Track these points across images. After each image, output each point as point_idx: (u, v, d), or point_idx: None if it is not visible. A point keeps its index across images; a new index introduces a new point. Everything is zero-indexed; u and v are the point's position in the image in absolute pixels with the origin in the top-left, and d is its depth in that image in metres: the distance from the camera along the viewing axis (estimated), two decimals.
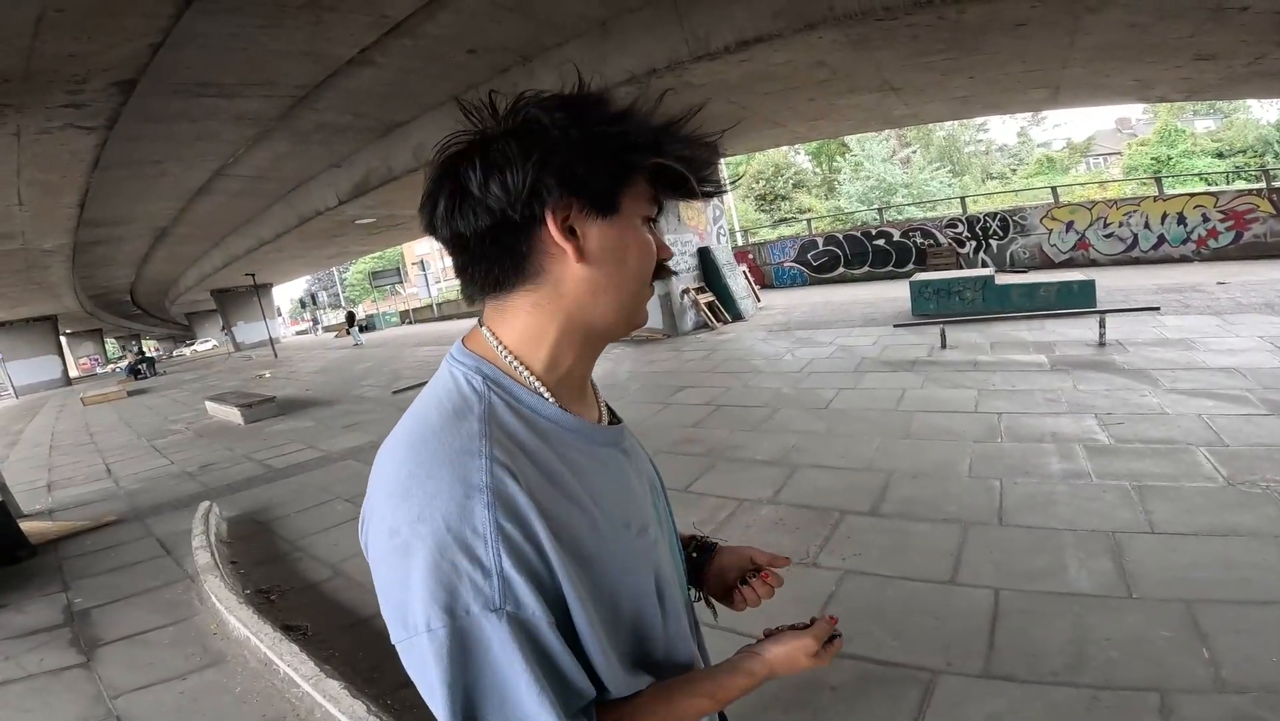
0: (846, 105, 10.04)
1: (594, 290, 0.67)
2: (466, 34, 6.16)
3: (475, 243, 0.65)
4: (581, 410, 0.72)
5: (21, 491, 6.73)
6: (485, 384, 0.66)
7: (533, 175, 0.62)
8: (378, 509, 0.61)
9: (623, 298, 0.69)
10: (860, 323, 9.64)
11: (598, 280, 0.67)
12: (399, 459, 0.62)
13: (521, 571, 0.57)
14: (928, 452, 4.31)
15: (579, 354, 0.71)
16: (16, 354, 26.40)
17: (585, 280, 0.66)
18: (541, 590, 0.58)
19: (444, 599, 0.55)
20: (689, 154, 0.70)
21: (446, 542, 0.56)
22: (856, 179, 27.76)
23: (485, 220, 0.63)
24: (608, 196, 0.66)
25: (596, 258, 0.66)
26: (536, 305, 0.67)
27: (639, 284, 0.70)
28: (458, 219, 0.64)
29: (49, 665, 3.14)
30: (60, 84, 5.09)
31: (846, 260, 16.85)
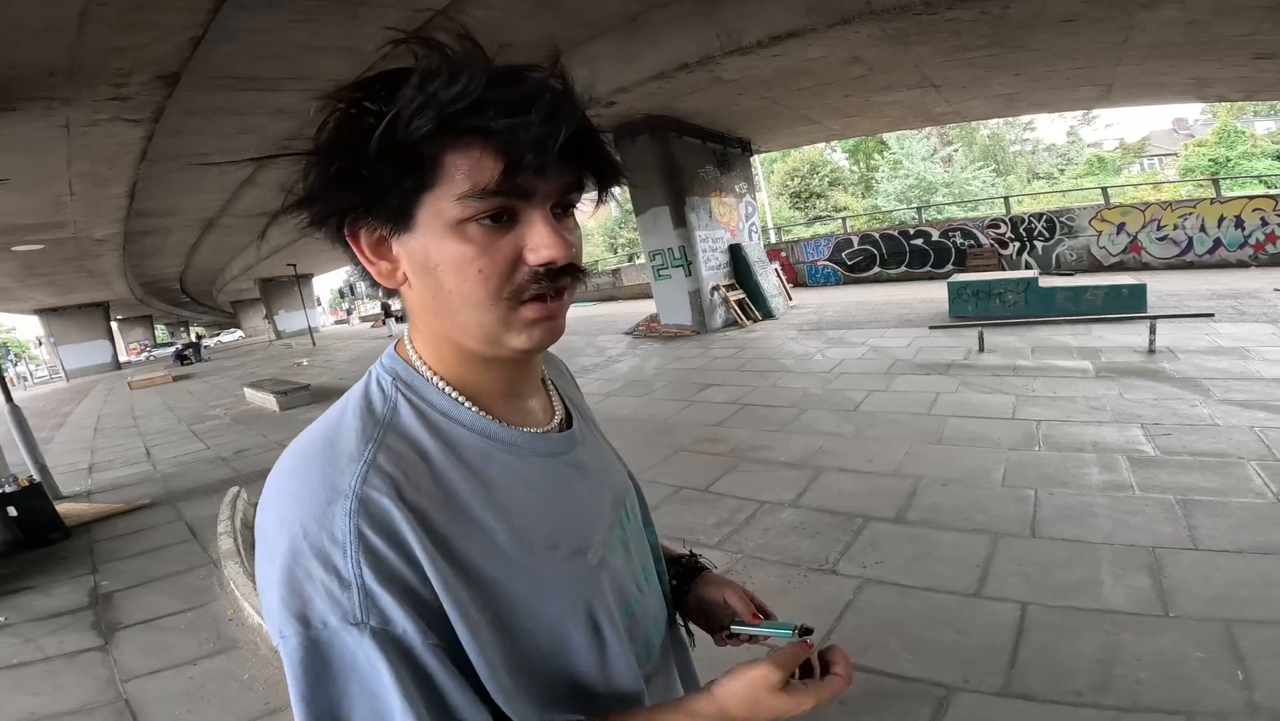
0: (884, 102, 9.81)
1: (430, 311, 0.59)
2: (498, 28, 6.14)
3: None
4: (516, 417, 0.65)
5: (63, 473, 6.98)
6: (395, 385, 0.61)
7: (313, 180, 0.54)
8: (259, 506, 0.57)
9: (464, 324, 0.57)
10: (894, 324, 9.41)
11: (426, 302, 0.58)
12: (283, 458, 0.57)
13: (388, 586, 0.50)
14: (959, 459, 4.16)
15: (479, 369, 0.62)
16: (68, 338, 27.47)
17: (419, 299, 0.59)
18: (418, 608, 0.51)
19: (296, 606, 0.50)
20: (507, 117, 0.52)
21: (301, 549, 0.50)
22: (895, 177, 27.17)
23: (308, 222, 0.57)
24: (393, 207, 0.54)
25: (414, 279, 0.57)
26: (409, 315, 0.62)
27: (472, 308, 0.56)
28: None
29: (67, 648, 3.22)
30: (106, 77, 5.25)
31: (882, 260, 16.48)
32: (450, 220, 0.53)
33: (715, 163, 11.80)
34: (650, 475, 4.61)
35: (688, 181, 10.95)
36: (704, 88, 7.99)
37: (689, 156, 10.97)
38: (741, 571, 3.06)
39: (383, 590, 0.50)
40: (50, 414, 14.43)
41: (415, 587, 0.52)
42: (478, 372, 0.62)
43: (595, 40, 7.05)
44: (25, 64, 4.88)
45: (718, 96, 8.62)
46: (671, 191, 10.68)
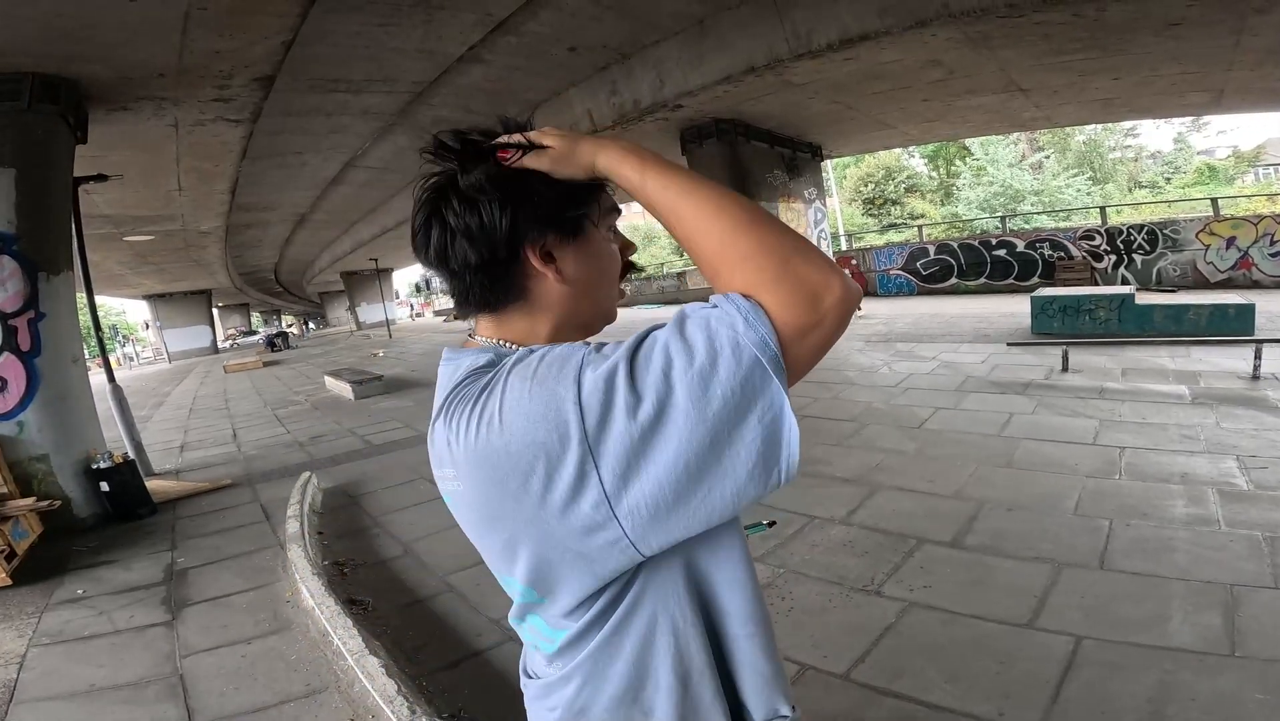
0: (966, 106, 9.38)
1: (575, 299, 0.76)
2: (567, 32, 6.29)
3: (469, 273, 0.72)
4: None
5: (157, 451, 7.54)
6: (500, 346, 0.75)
7: (509, 219, 0.70)
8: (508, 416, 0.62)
9: (598, 299, 0.80)
10: (970, 338, 8.97)
11: (575, 293, 0.76)
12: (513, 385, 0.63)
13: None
14: (1030, 484, 3.92)
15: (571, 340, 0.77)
16: (172, 322, 29.82)
17: (566, 293, 0.75)
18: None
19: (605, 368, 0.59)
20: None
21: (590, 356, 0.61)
22: (978, 184, 25.92)
23: (474, 256, 0.71)
24: (577, 222, 0.75)
25: (573, 275, 0.75)
26: (527, 315, 0.76)
27: (610, 286, 0.81)
28: (451, 255, 0.72)
29: (137, 622, 3.43)
30: (210, 79, 5.64)
31: (960, 270, 15.77)
32: (605, 228, 0.79)
33: (784, 167, 11.60)
34: None
35: (754, 186, 10.80)
36: (773, 91, 7.87)
37: (757, 161, 10.82)
38: (782, 586, 2.99)
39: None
40: (152, 393, 15.64)
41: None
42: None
43: (661, 43, 7.07)
44: (137, 64, 5.28)
45: (787, 100, 8.48)
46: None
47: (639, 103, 8.01)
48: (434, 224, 0.72)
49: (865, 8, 5.78)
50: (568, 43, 6.60)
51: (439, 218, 0.72)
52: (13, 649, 3.23)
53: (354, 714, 2.41)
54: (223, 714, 2.54)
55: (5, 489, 4.67)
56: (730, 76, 6.72)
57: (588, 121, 8.70)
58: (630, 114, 8.19)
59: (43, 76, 5.14)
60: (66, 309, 5.50)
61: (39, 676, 2.97)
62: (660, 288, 24.01)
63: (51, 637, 3.34)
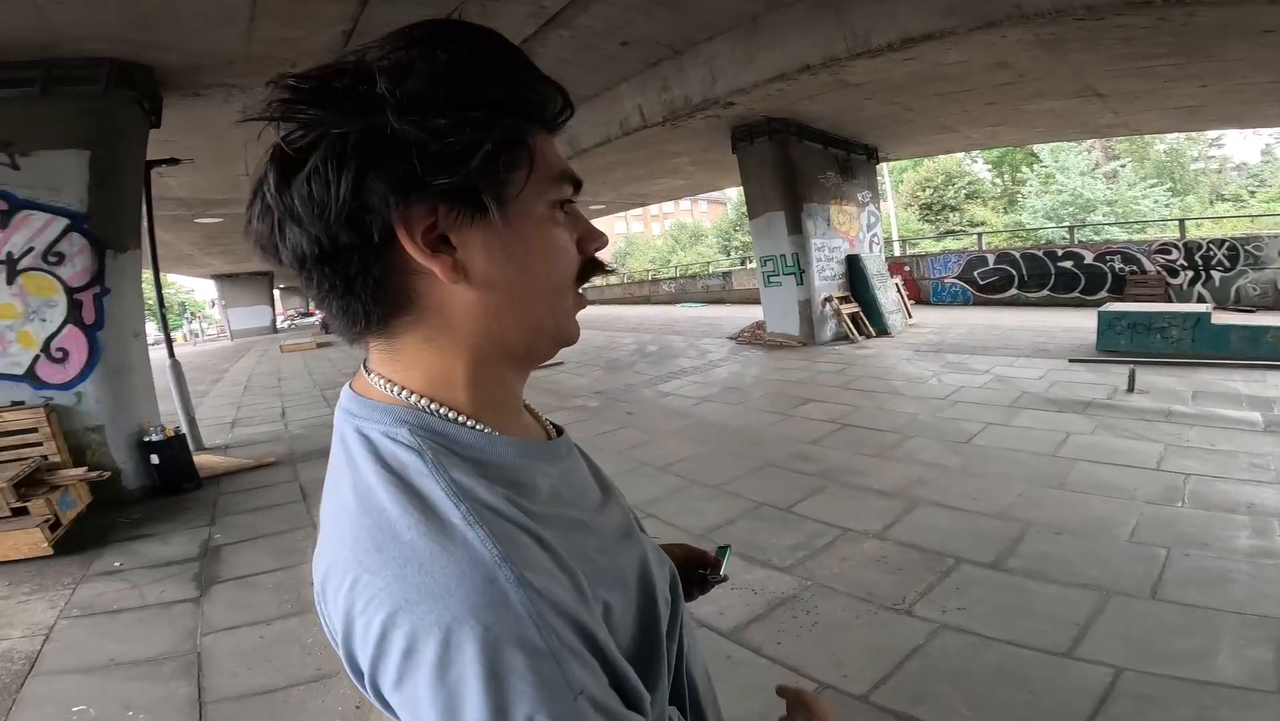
0: (1035, 111, 8.95)
1: (493, 313, 0.52)
2: (618, 26, 6.26)
3: (313, 270, 0.49)
4: (522, 431, 0.60)
5: (209, 425, 7.84)
6: (412, 434, 0.50)
7: (351, 180, 0.45)
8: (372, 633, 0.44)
9: (536, 314, 0.54)
10: (1028, 352, 8.57)
11: (494, 300, 0.51)
12: (374, 569, 0.45)
13: (573, 634, 0.44)
14: (1082, 507, 3.69)
15: (503, 380, 0.57)
16: (236, 302, 31.20)
17: (476, 302, 0.51)
18: (592, 646, 0.46)
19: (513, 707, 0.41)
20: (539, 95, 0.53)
21: (491, 642, 0.41)
22: (1045, 192, 24.80)
23: (306, 244, 0.47)
24: (487, 189, 0.49)
25: (485, 273, 0.50)
26: (429, 340, 0.52)
27: (555, 294, 0.55)
28: (280, 246, 0.49)
29: (166, 597, 3.52)
30: (275, 67, 5.70)
31: (1022, 281, 15.10)
32: (546, 203, 0.53)
33: (837, 169, 11.33)
34: (732, 488, 4.47)
35: (806, 187, 10.58)
36: (828, 91, 7.66)
37: (809, 161, 10.60)
38: (807, 599, 2.88)
39: (571, 647, 0.44)
40: (212, 369, 16.35)
41: (586, 622, 0.46)
42: (490, 390, 0.55)
43: (714, 40, 6.96)
44: (207, 52, 5.46)
45: (843, 100, 8.24)
46: (788, 196, 10.37)
47: (690, 99, 7.91)
48: (255, 202, 0.49)
49: (929, 7, 5.54)
50: (619, 37, 6.56)
51: (258, 193, 0.49)
52: (42, 620, 3.34)
53: (359, 701, 2.41)
54: (232, 694, 2.58)
55: (58, 458, 4.89)
56: (783, 75, 6.57)
57: (638, 117, 8.68)
58: (681, 110, 8.10)
59: (119, 63, 5.35)
60: (131, 286, 5.74)
61: (61, 649, 3.06)
62: (705, 287, 23.86)
63: (82, 610, 3.45)
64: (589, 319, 9.41)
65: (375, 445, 0.50)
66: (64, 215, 5.13)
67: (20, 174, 5.01)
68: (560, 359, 11.38)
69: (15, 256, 5.00)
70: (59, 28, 4.67)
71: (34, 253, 5.06)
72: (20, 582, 3.85)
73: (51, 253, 5.10)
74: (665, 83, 8.01)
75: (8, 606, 3.54)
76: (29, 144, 5.03)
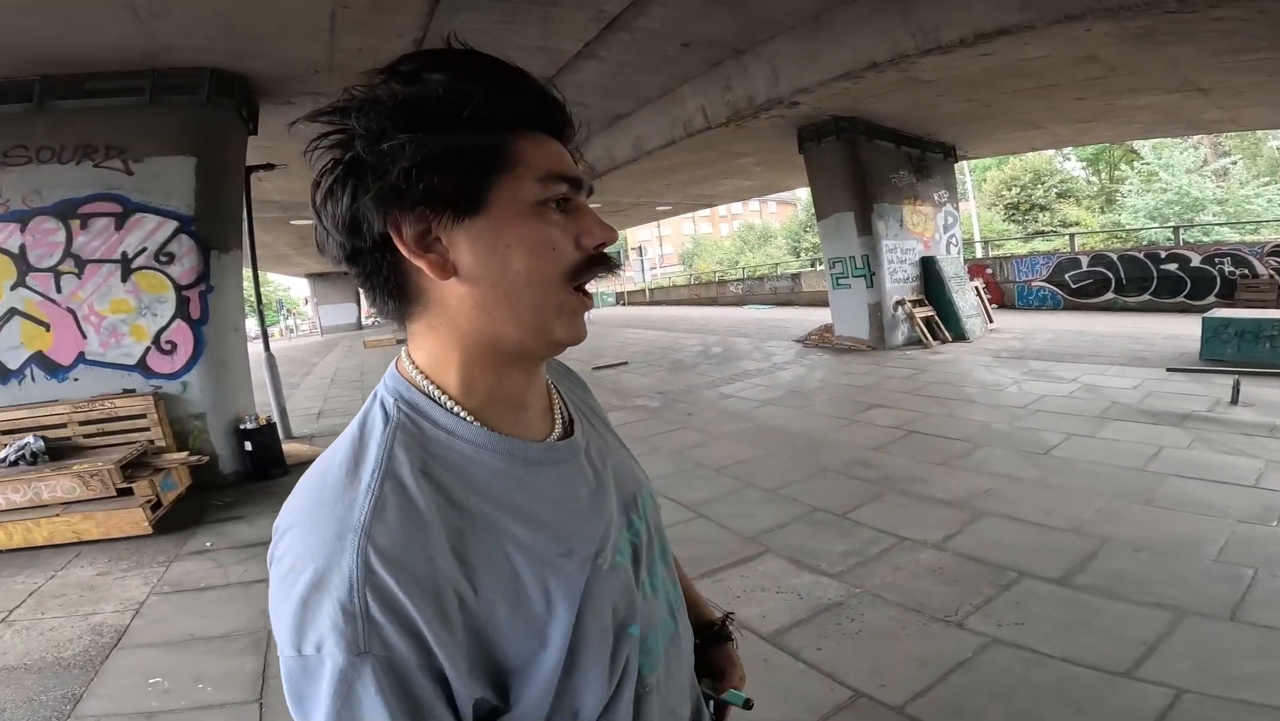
0: (1130, 106, 8.35)
1: (481, 306, 0.58)
2: (678, 28, 6.27)
3: (350, 268, 0.59)
4: (519, 429, 0.64)
5: (298, 416, 8.36)
6: (397, 406, 0.60)
7: (348, 196, 0.55)
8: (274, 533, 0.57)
9: (520, 309, 0.58)
10: (1122, 360, 8.01)
11: (481, 294, 0.57)
12: (296, 491, 0.57)
13: (390, 616, 0.49)
14: (1167, 524, 3.44)
15: (499, 373, 0.62)
16: (326, 299, 33.19)
17: (466, 296, 0.57)
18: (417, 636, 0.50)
19: (303, 634, 0.50)
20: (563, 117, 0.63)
21: (313, 583, 0.50)
22: (1147, 191, 23.06)
23: (334, 248, 0.58)
24: (464, 193, 0.55)
25: (471, 269, 0.57)
26: (431, 328, 0.60)
27: (540, 289, 0.58)
28: (327, 248, 0.60)
29: (247, 577, 3.74)
30: (355, 76, 6.05)
31: (1119, 285, 14.09)
32: (529, 201, 0.57)
33: (911, 168, 10.94)
34: (787, 492, 4.42)
35: (876, 187, 10.27)
36: (897, 89, 7.41)
37: (880, 161, 10.28)
38: (853, 606, 2.81)
39: (385, 620, 0.49)
40: (302, 363, 17.40)
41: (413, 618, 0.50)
42: (490, 381, 0.62)
43: (776, 39, 6.85)
44: (295, 61, 5.80)
45: (914, 98, 7.96)
46: (857, 197, 10.09)
47: (753, 99, 7.82)
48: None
49: (1002, 1, 5.26)
50: (679, 38, 6.57)
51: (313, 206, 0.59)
52: (135, 595, 3.61)
53: None
54: None
55: (163, 443, 5.35)
56: (849, 73, 6.40)
57: (701, 118, 8.64)
58: (745, 111, 8.02)
59: (219, 72, 5.75)
60: (233, 284, 6.18)
61: (149, 623, 3.28)
62: (774, 288, 23.49)
63: (172, 587, 3.72)
64: (655, 319, 9.62)
65: (372, 406, 0.61)
66: (174, 218, 5.58)
67: (134, 179, 5.49)
68: (624, 359, 11.51)
69: (130, 256, 5.51)
70: (161, 38, 5.01)
71: (147, 253, 5.54)
72: (120, 559, 4.17)
73: (163, 253, 5.57)
74: (728, 83, 7.95)
75: (105, 582, 3.84)
76: (141, 150, 5.50)
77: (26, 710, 2.57)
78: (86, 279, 5.44)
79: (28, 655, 3.01)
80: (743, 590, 3.11)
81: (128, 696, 2.64)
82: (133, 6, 4.47)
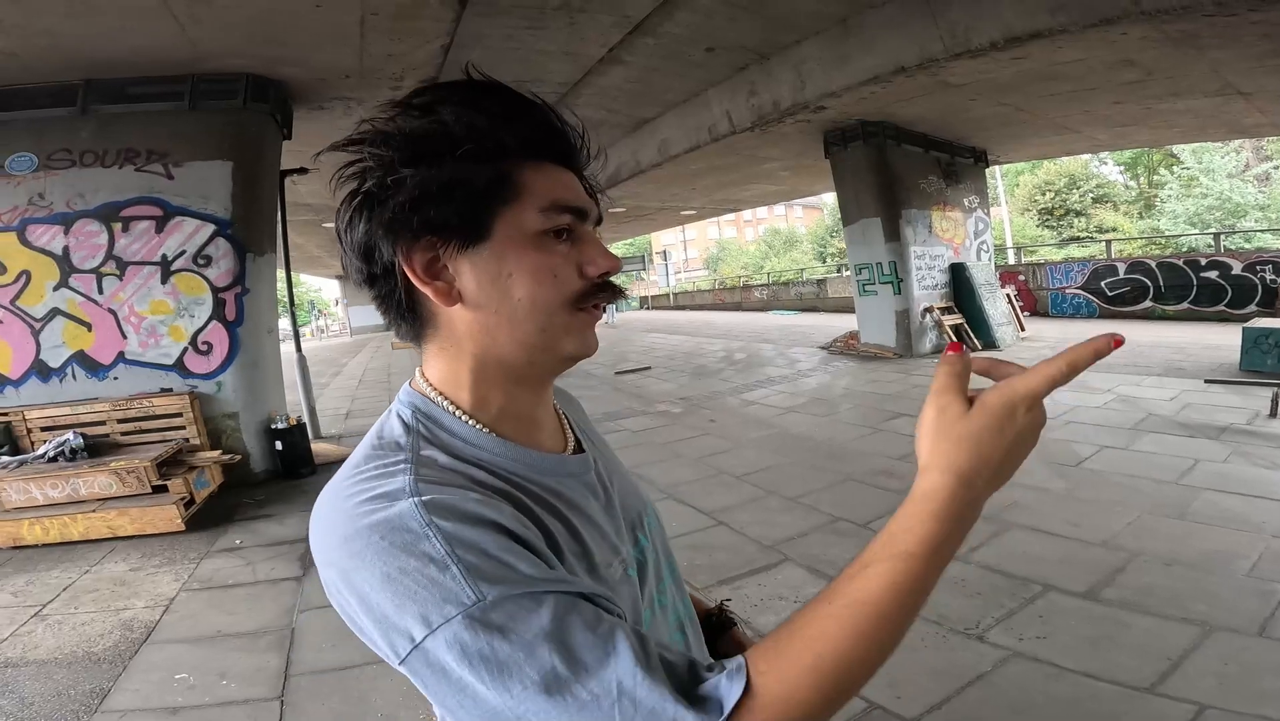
0: (1170, 110, 8.14)
1: (486, 330, 0.60)
2: (703, 33, 6.29)
3: (368, 290, 0.63)
4: (533, 443, 0.66)
5: (327, 416, 8.49)
6: (415, 416, 0.62)
7: (363, 224, 0.58)
8: (315, 551, 0.55)
9: (525, 333, 0.60)
10: (1159, 371, 7.79)
11: (486, 319, 0.60)
12: (322, 499, 0.56)
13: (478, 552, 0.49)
14: (1200, 539, 3.35)
15: (508, 392, 0.64)
16: (356, 300, 33.56)
17: (472, 321, 0.60)
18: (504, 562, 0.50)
19: (409, 609, 0.48)
20: (571, 146, 0.64)
21: (384, 549, 0.49)
22: (1187, 196, 22.42)
23: (357, 276, 0.62)
24: (467, 223, 0.57)
25: (475, 296, 0.59)
26: (443, 349, 0.63)
27: (543, 315, 0.60)
28: (349, 273, 0.63)
29: (276, 574, 3.79)
30: (385, 80, 6.25)
31: (1157, 293, 13.71)
32: (531, 231, 0.59)
33: (940, 173, 10.79)
34: (809, 501, 4.38)
35: (905, 192, 10.15)
36: (926, 93, 7.33)
37: (908, 166, 10.16)
38: None
39: (477, 559, 0.49)
40: (332, 363, 17.71)
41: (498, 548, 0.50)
42: (502, 398, 0.63)
43: (801, 44, 6.82)
44: (327, 67, 5.93)
45: (944, 102, 7.86)
46: (885, 202, 9.98)
47: (779, 104, 7.80)
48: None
49: (1033, 4, 5.18)
50: (704, 44, 6.59)
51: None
52: (166, 591, 3.68)
53: None
54: (315, 668, 2.76)
55: (198, 441, 5.49)
56: (877, 77, 6.34)
57: (726, 123, 8.65)
58: (770, 115, 8.00)
59: (255, 78, 5.89)
60: (267, 286, 6.30)
61: (178, 619, 3.34)
62: (799, 294, 23.33)
63: (202, 583, 3.78)
64: (679, 324, 9.59)
65: (388, 419, 0.63)
66: (211, 221, 5.73)
67: (174, 183, 5.65)
68: (647, 364, 11.52)
69: (169, 258, 5.66)
70: (201, 44, 5.16)
71: (185, 255, 5.69)
72: (153, 555, 4.27)
73: (200, 255, 5.72)
74: (753, 88, 7.94)
75: (138, 577, 3.93)
76: (181, 155, 5.66)
77: (55, 704, 2.63)
78: (127, 280, 5.62)
79: (59, 649, 3.08)
80: (760, 599, 3.09)
81: (154, 691, 2.69)
82: (173, 13, 4.61)
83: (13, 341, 5.50)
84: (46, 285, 5.50)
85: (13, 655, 3.04)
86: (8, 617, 3.45)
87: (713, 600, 0.98)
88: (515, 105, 0.60)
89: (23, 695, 2.69)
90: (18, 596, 3.74)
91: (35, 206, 5.46)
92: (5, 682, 2.80)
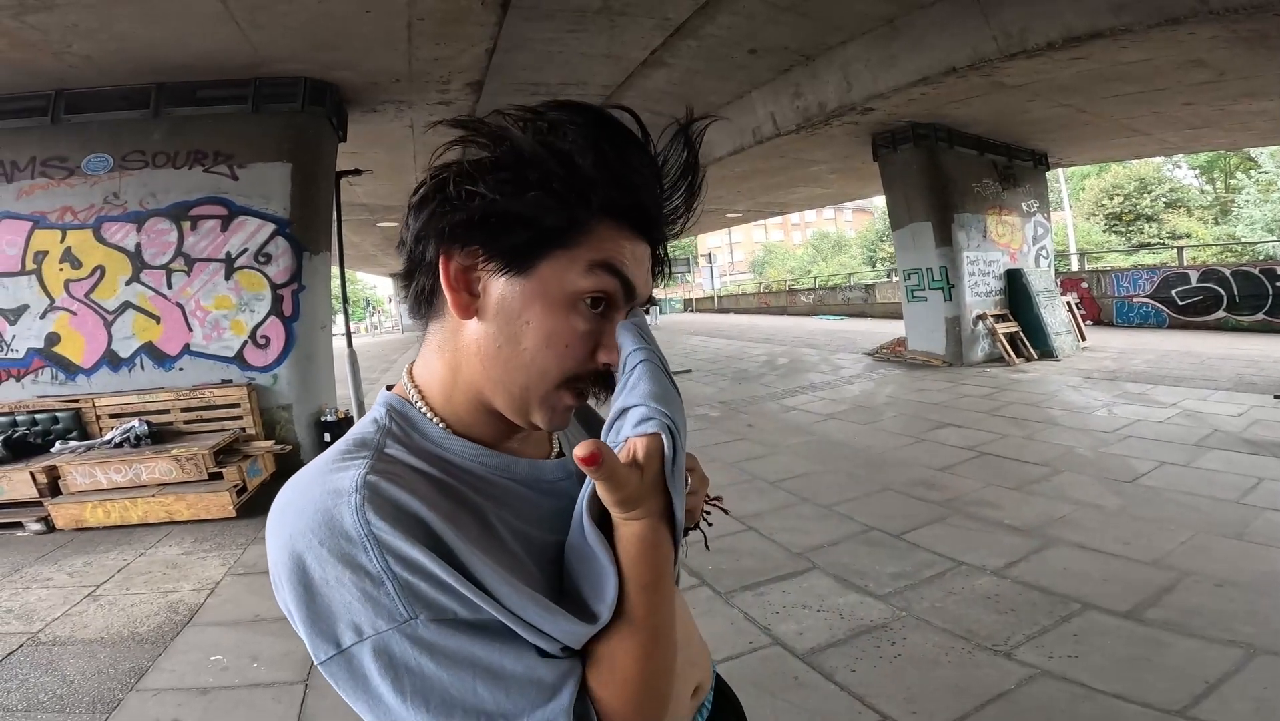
0: (1246, 112, 7.68)
1: (481, 359, 0.59)
2: (746, 34, 6.26)
3: (405, 269, 0.63)
4: (505, 449, 0.66)
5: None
6: (389, 415, 0.63)
7: (424, 219, 0.58)
8: (266, 536, 0.56)
9: (510, 382, 0.59)
10: (1229, 385, 7.37)
11: (485, 349, 0.59)
12: (283, 489, 0.57)
13: (415, 573, 0.50)
14: (1256, 560, 3.17)
15: (485, 416, 0.63)
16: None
17: (475, 342, 0.59)
18: (445, 586, 0.51)
19: (334, 619, 0.50)
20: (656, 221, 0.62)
21: (320, 556, 0.50)
22: (1265, 201, 21.09)
23: (400, 249, 0.62)
24: (519, 252, 0.56)
25: (489, 319, 0.58)
26: (441, 346, 0.63)
27: (536, 376, 0.58)
28: (401, 250, 0.64)
29: None
30: (433, 84, 6.42)
31: (1232, 302, 12.92)
32: (569, 290, 0.57)
33: (996, 176, 10.43)
34: (843, 509, 4.31)
35: (957, 196, 9.86)
36: (980, 94, 7.10)
37: (961, 169, 9.86)
38: (895, 629, 2.72)
39: (413, 577, 0.50)
40: (382, 359, 18.23)
41: (435, 569, 0.51)
42: (481, 419, 0.63)
43: (847, 44, 6.70)
44: (378, 71, 6.13)
45: (999, 103, 7.60)
46: (936, 207, 9.72)
47: (824, 106, 7.68)
48: None
49: (1094, 3, 4.98)
50: (747, 45, 6.54)
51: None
52: (212, 576, 3.82)
53: None
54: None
55: (253, 431, 5.75)
56: (926, 78, 6.17)
57: (771, 125, 8.57)
58: (815, 118, 7.89)
59: (312, 81, 6.14)
60: (322, 283, 6.55)
61: (220, 603, 3.46)
62: (846, 299, 22.89)
63: (246, 569, 3.93)
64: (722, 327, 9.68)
65: (365, 417, 0.65)
66: (272, 220, 6.00)
67: (238, 183, 5.94)
68: (689, 366, 11.49)
69: (233, 256, 5.96)
70: (261, 49, 5.40)
71: (247, 253, 5.98)
72: (204, 540, 4.47)
73: (261, 253, 6.00)
74: (798, 89, 7.83)
75: (189, 561, 4.12)
76: (244, 156, 5.95)
77: (95, 681, 2.75)
78: (194, 276, 5.93)
79: (106, 628, 3.24)
80: (783, 605, 3.06)
81: (189, 672, 2.81)
82: (234, 19, 4.84)
83: (86, 332, 5.85)
84: (119, 280, 5.85)
85: (62, 634, 3.21)
86: (62, 597, 3.64)
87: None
88: (625, 163, 0.58)
89: (65, 672, 2.83)
90: (74, 577, 3.95)
91: (110, 205, 5.82)
92: (50, 660, 2.94)
